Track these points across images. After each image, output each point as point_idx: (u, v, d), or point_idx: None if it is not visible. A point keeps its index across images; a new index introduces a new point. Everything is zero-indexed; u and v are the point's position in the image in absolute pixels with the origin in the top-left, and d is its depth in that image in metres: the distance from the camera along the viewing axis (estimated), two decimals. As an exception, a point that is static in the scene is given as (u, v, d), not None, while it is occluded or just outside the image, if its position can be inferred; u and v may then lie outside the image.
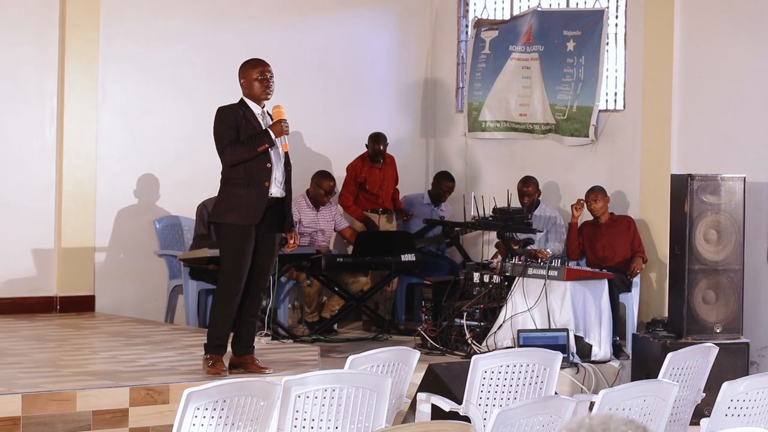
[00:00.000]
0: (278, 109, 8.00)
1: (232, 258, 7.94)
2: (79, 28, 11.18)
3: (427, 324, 10.31)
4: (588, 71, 11.67)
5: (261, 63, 8.11)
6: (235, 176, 7.95)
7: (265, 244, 8.02)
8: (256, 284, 8.06)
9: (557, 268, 9.81)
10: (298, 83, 12.17)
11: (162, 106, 11.68)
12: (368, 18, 12.86)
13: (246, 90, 8.07)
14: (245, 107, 8.03)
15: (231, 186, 7.97)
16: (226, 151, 7.92)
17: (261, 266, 8.04)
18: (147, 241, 11.46)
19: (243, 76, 8.10)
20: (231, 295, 7.96)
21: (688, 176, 9.63)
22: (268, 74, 8.05)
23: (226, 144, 7.92)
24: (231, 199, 7.95)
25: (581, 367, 9.50)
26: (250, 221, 7.90)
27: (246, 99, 8.06)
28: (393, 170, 12.13)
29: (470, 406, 6.63)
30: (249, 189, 7.91)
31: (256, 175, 7.92)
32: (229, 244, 7.97)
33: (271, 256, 8.09)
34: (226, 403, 5.34)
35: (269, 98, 8.08)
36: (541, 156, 12.09)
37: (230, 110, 8.02)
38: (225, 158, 7.95)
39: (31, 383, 7.49)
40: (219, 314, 8.04)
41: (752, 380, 6.04)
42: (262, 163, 7.92)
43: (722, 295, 9.65)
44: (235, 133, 7.92)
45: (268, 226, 8.00)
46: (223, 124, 7.97)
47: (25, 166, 11.08)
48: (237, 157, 7.89)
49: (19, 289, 11.06)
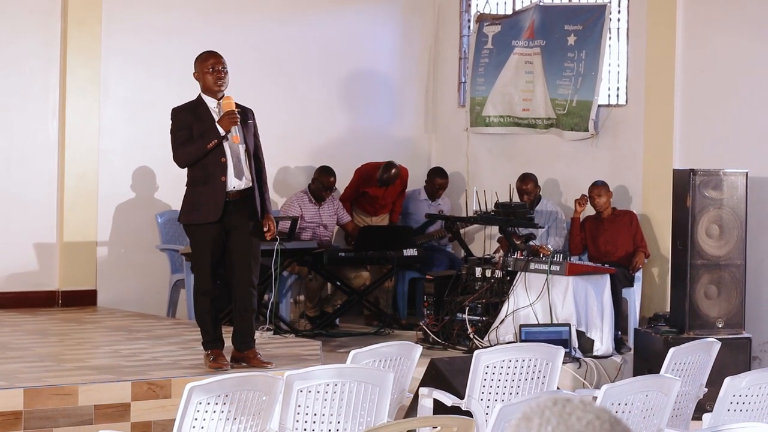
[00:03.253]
0: (228, 100, 7.96)
1: (197, 256, 8.06)
2: (81, 22, 11.18)
3: (429, 319, 10.31)
4: (588, 65, 11.66)
5: (213, 55, 8.10)
6: (194, 175, 8.00)
7: (237, 237, 7.99)
8: (239, 278, 8.01)
9: (559, 262, 9.80)
10: (301, 78, 12.17)
11: (164, 100, 11.61)
12: (371, 13, 12.85)
13: (201, 84, 8.07)
14: (200, 103, 8.03)
15: (192, 185, 8.02)
16: (177, 152, 7.98)
17: (239, 260, 7.99)
18: (149, 236, 11.46)
19: (196, 69, 8.10)
20: (202, 293, 8.05)
21: (690, 171, 9.63)
22: (220, 66, 8.04)
23: (177, 145, 7.96)
24: (192, 198, 8.00)
25: (583, 361, 9.50)
26: (210, 218, 7.91)
27: (202, 94, 8.06)
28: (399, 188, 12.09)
29: (472, 400, 6.63)
30: (207, 186, 7.93)
31: (211, 171, 7.92)
32: (194, 244, 8.09)
33: (246, 247, 8.01)
34: (228, 397, 5.34)
35: (222, 90, 8.03)
36: (543, 151, 12.08)
37: (182, 110, 8.05)
38: (177, 159, 8.02)
39: (33, 377, 7.50)
40: (198, 311, 8.16)
41: (754, 375, 6.04)
42: (217, 158, 7.91)
43: (724, 290, 9.65)
44: (187, 132, 7.93)
45: (237, 218, 7.97)
46: (175, 125, 8.02)
47: (28, 160, 11.08)
48: (188, 157, 7.94)
49: (21, 283, 11.06)
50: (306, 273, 11.17)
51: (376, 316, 11.38)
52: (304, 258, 10.86)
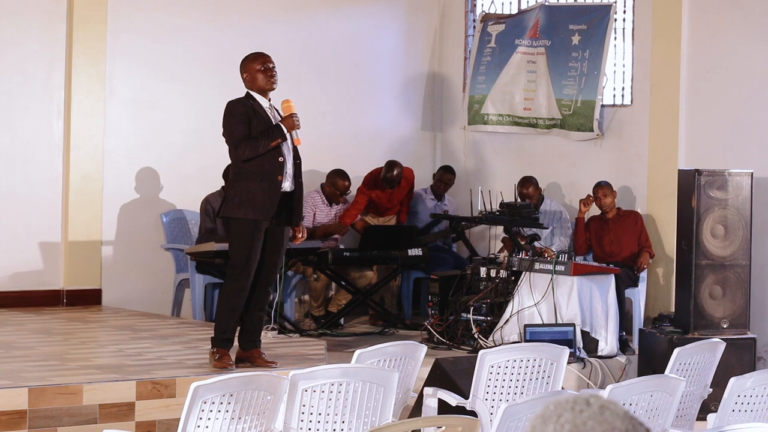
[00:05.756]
0: (288, 103, 7.97)
1: (242, 252, 7.89)
2: (86, 22, 11.19)
3: (434, 318, 10.31)
4: (591, 65, 11.66)
5: (262, 54, 8.08)
6: (247, 171, 7.88)
7: (274, 238, 7.99)
8: (265, 278, 8.03)
9: (564, 262, 9.80)
10: (305, 78, 12.16)
11: (169, 100, 11.69)
12: (376, 12, 12.86)
13: (250, 83, 8.02)
14: (253, 100, 7.99)
15: (244, 180, 7.89)
16: (240, 147, 7.83)
17: (270, 260, 8.01)
18: (154, 235, 11.47)
19: (245, 69, 8.05)
20: (239, 290, 7.92)
21: (695, 171, 9.62)
22: (270, 64, 8.02)
23: (239, 139, 7.83)
24: (243, 194, 7.87)
25: (588, 362, 9.50)
26: (263, 216, 7.85)
27: (252, 93, 8.02)
28: (405, 190, 12.09)
29: (477, 400, 6.63)
30: (261, 183, 7.85)
31: (268, 169, 7.86)
32: (240, 239, 7.90)
33: (279, 250, 8.04)
34: (233, 397, 5.34)
35: (274, 89, 8.03)
36: (547, 151, 12.08)
37: (240, 104, 7.96)
38: (239, 153, 7.85)
39: (38, 377, 7.50)
40: (226, 308, 8.00)
41: (759, 376, 6.04)
42: (275, 157, 7.87)
43: (729, 290, 9.64)
44: (246, 127, 7.85)
45: (277, 219, 7.96)
46: (234, 118, 7.89)
47: (33, 160, 11.09)
48: (252, 152, 7.82)
49: (26, 282, 11.07)
50: (311, 273, 11.18)
51: (380, 315, 11.39)
52: (308, 257, 10.87)
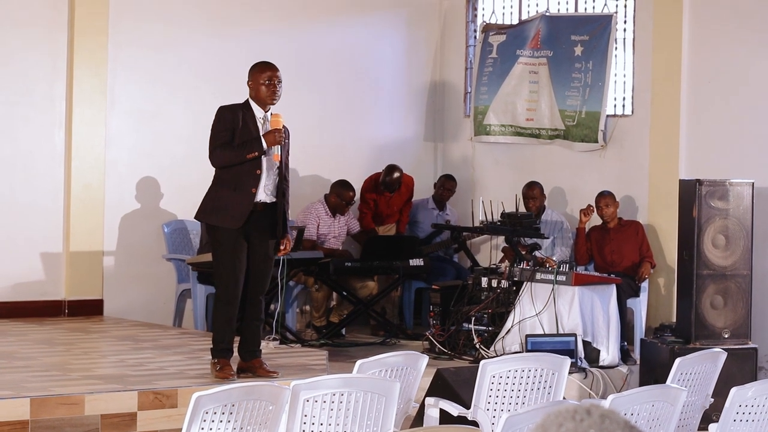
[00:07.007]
0: (276, 118, 8.00)
1: (225, 261, 7.99)
2: (87, 32, 11.20)
3: (435, 328, 10.31)
4: (595, 76, 11.67)
5: (270, 67, 8.10)
6: (224, 178, 8.01)
7: (259, 249, 8.04)
8: (254, 289, 8.07)
9: (565, 272, 9.80)
10: (307, 87, 12.17)
11: (170, 110, 11.70)
12: (377, 22, 12.87)
13: (252, 92, 8.07)
14: (247, 109, 8.03)
15: (219, 186, 8.03)
16: (215, 153, 7.96)
17: (256, 271, 8.05)
18: (155, 245, 11.47)
19: (251, 78, 8.09)
20: (229, 299, 7.99)
21: (696, 181, 9.63)
22: (276, 80, 8.04)
23: (217, 145, 7.95)
24: (216, 201, 8.00)
25: (589, 372, 9.50)
26: (234, 224, 7.92)
27: (251, 101, 8.06)
28: (405, 196, 12.10)
29: (478, 410, 6.63)
30: (235, 193, 7.94)
31: (244, 180, 7.94)
32: (222, 249, 8.02)
33: (266, 259, 8.08)
34: (235, 407, 5.34)
35: (275, 103, 8.07)
36: (549, 161, 12.08)
37: (230, 111, 8.02)
38: (213, 159, 7.99)
39: (40, 387, 7.50)
40: (220, 319, 8.08)
41: (761, 386, 6.03)
42: (253, 169, 7.93)
43: (730, 300, 9.64)
44: (229, 135, 7.93)
45: (260, 231, 8.01)
46: (220, 124, 7.99)
47: (34, 170, 11.10)
48: (224, 160, 7.93)
49: (28, 292, 11.07)
50: (312, 283, 11.18)
51: (382, 325, 11.39)
52: (310, 268, 10.87)
